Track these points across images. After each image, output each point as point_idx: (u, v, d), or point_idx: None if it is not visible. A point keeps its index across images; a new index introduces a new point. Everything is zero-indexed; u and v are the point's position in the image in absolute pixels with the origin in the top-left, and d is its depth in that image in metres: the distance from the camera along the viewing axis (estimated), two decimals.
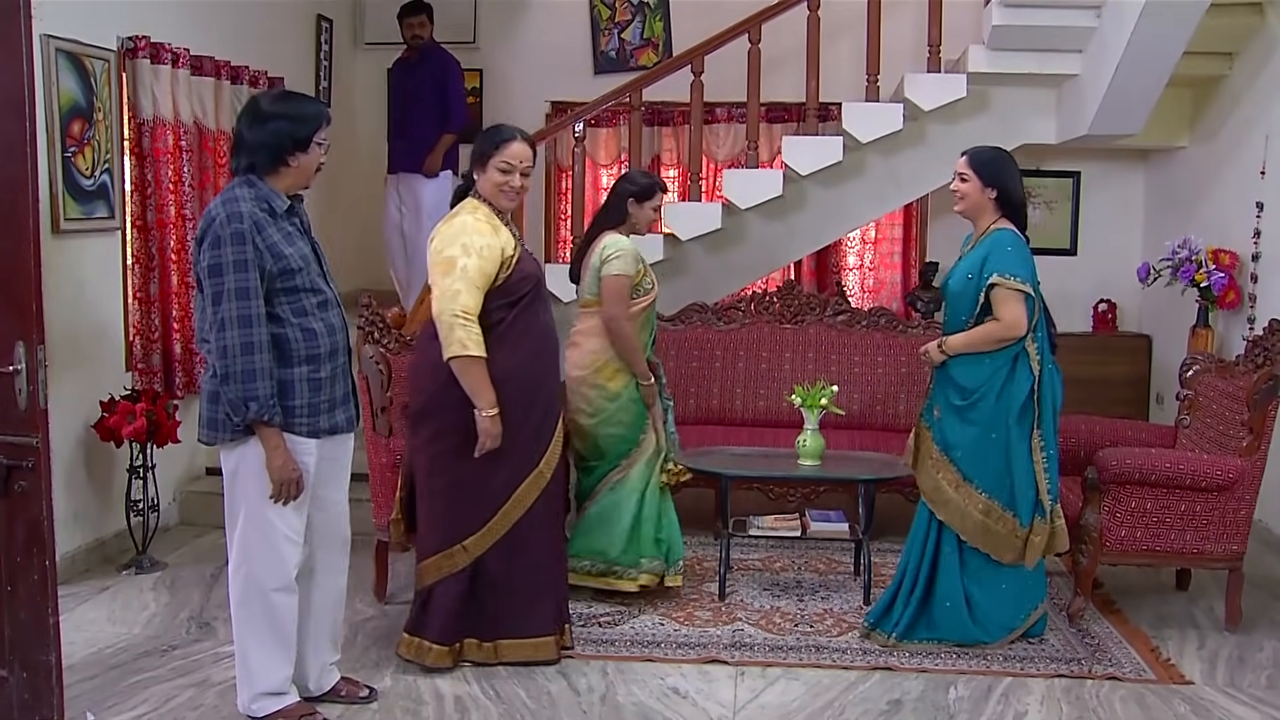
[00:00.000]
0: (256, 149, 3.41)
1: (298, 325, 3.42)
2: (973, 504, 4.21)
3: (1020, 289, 4.12)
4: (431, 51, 7.19)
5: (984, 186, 4.27)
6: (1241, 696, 4.00)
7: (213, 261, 3.30)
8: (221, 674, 4.06)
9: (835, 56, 7.03)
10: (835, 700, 3.94)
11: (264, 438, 3.39)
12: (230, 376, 3.30)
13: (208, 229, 3.33)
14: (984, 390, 4.17)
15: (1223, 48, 6.30)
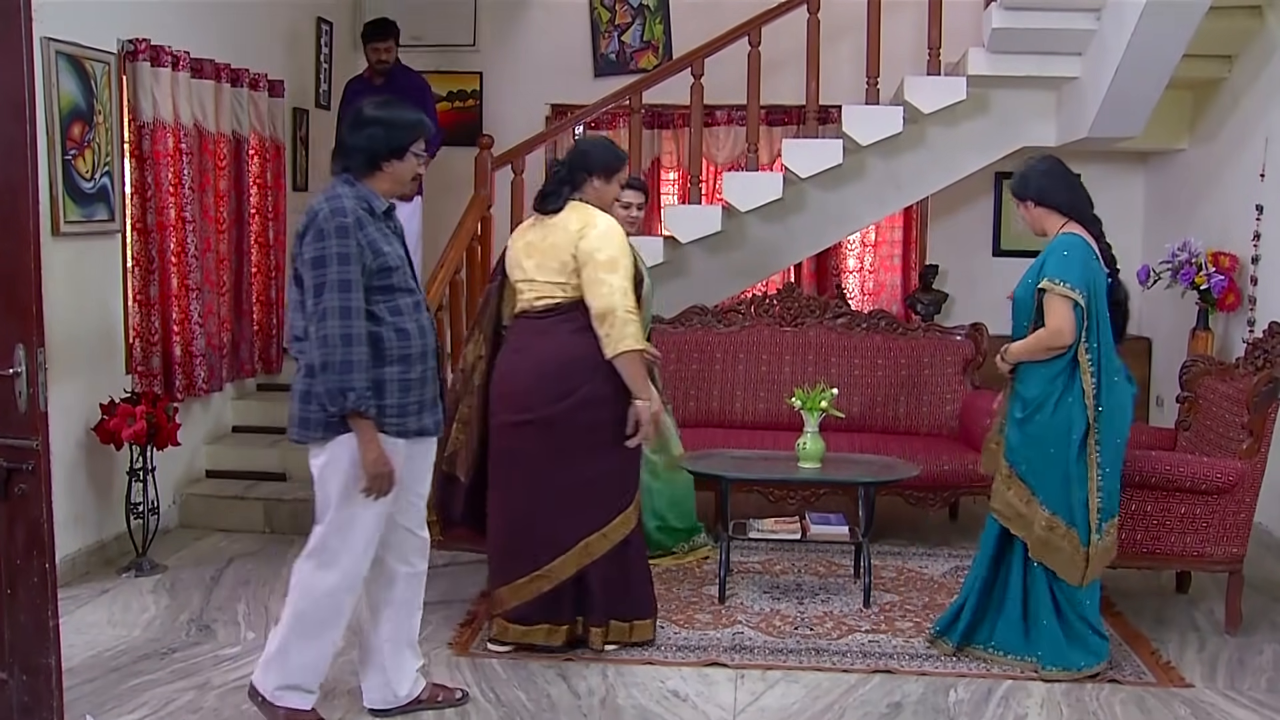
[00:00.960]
0: (352, 152, 3.49)
1: (392, 325, 3.44)
2: (1038, 519, 4.10)
3: (1067, 295, 3.99)
4: (401, 73, 7.00)
5: (1021, 202, 4.24)
6: (1242, 700, 3.99)
7: (316, 253, 3.33)
8: (222, 677, 4.06)
9: (835, 59, 7.03)
10: (835, 703, 3.94)
11: (359, 430, 3.37)
12: (329, 366, 3.30)
13: (311, 222, 3.37)
14: (1041, 402, 4.08)
15: (1222, 50, 6.30)
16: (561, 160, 4.32)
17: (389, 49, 6.88)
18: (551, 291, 4.14)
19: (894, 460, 5.29)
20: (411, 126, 3.53)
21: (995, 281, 7.75)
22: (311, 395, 3.40)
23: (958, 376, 6.19)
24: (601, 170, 4.22)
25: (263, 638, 4.41)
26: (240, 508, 5.93)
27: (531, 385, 4.13)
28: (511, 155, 6.57)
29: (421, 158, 3.59)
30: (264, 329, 6.63)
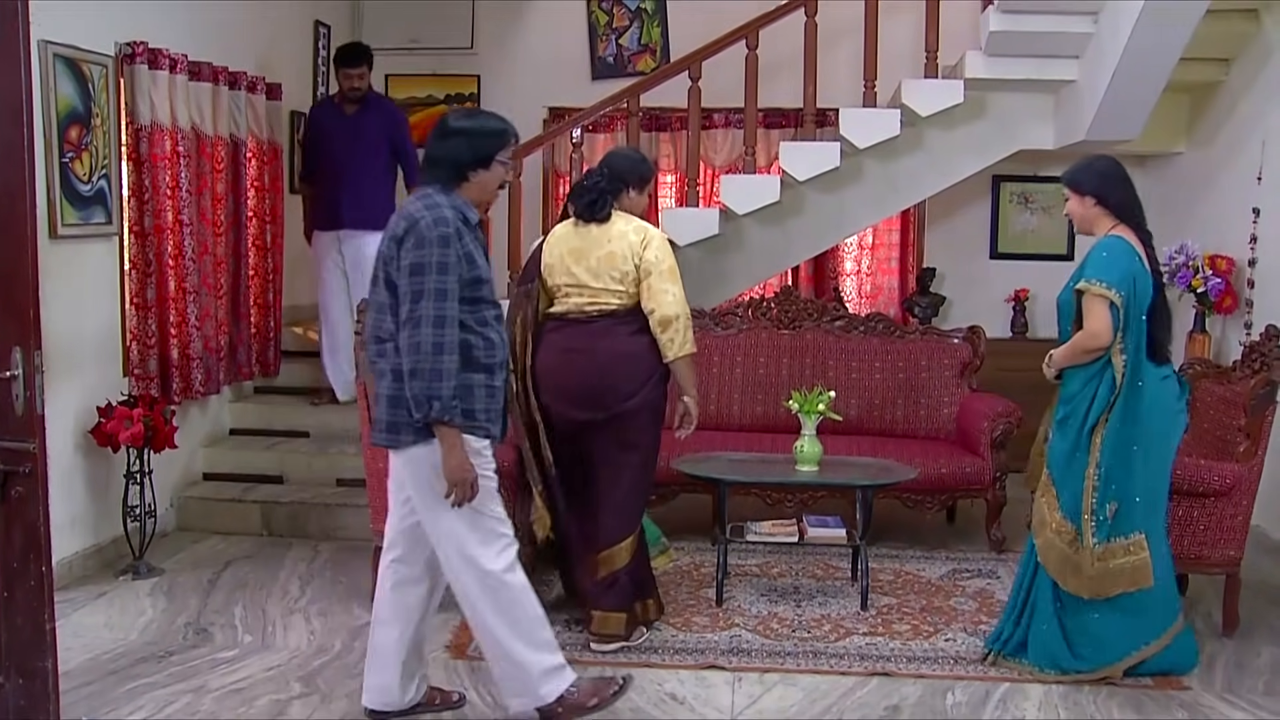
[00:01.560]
0: (439, 163, 3.52)
1: (480, 334, 3.47)
2: (1055, 524, 4.08)
3: (1103, 294, 3.92)
4: (377, 101, 6.68)
5: (1081, 197, 4.12)
6: (1239, 702, 4.00)
7: (416, 260, 3.34)
8: (219, 680, 4.06)
9: (833, 62, 7.04)
10: (833, 706, 3.94)
11: (443, 437, 3.38)
12: (418, 373, 3.32)
13: (411, 228, 3.37)
14: (1075, 403, 4.05)
15: (1219, 53, 6.31)
16: (599, 170, 4.49)
17: (362, 75, 6.46)
18: (608, 298, 4.34)
19: (891, 463, 5.29)
20: (497, 135, 3.55)
21: (992, 284, 7.80)
22: (401, 400, 3.41)
23: (955, 379, 6.19)
24: (637, 181, 4.49)
25: (260, 640, 4.43)
26: (238, 510, 5.92)
27: (601, 385, 4.33)
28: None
29: (508, 165, 3.63)
30: (261, 332, 6.62)
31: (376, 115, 6.51)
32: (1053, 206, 7.80)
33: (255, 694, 3.97)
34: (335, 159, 6.44)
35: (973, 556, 5.59)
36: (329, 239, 6.53)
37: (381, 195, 6.48)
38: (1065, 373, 4.13)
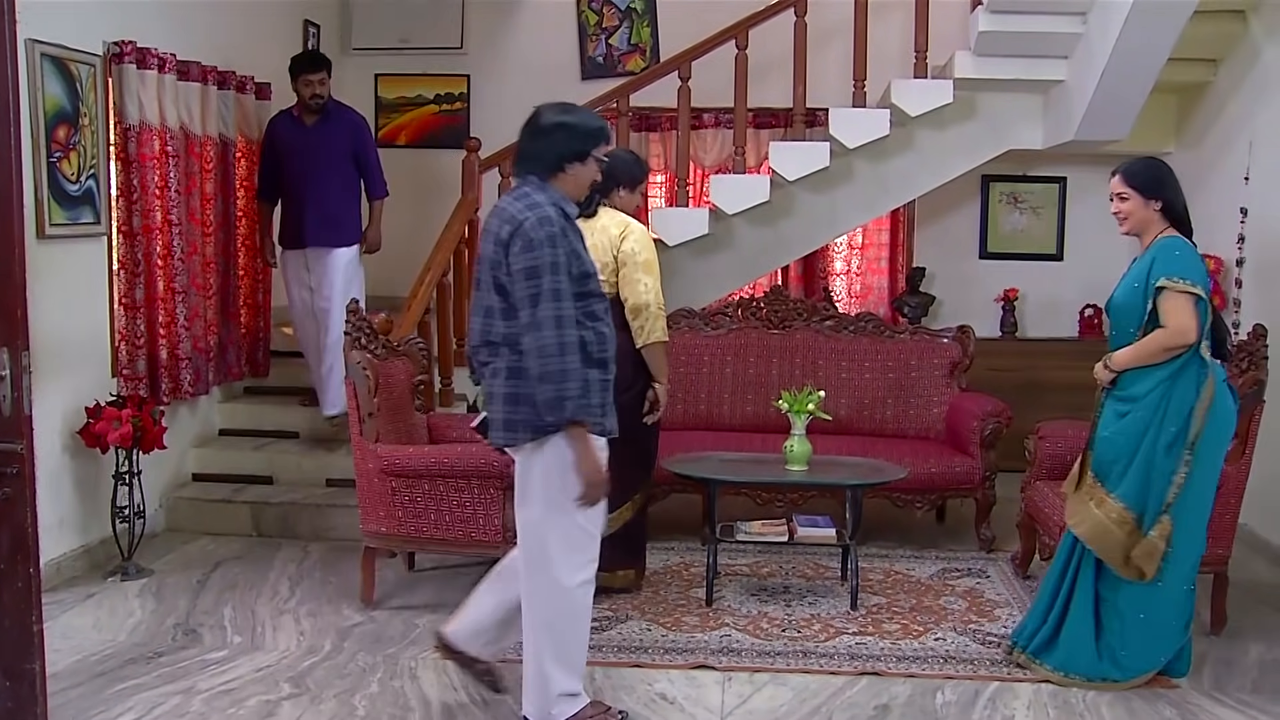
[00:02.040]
0: (537, 157, 3.49)
1: (592, 329, 3.43)
2: (1108, 512, 4.02)
3: (1191, 291, 3.86)
4: (338, 110, 6.39)
5: (1146, 200, 4.03)
6: (1227, 700, 4.01)
7: (529, 264, 3.31)
8: (208, 681, 4.05)
9: (822, 62, 7.04)
10: (823, 705, 3.94)
11: (575, 438, 3.37)
12: (547, 376, 3.29)
13: (517, 231, 3.34)
14: (1145, 400, 3.96)
15: (1207, 54, 6.33)
16: None
17: (323, 82, 6.24)
18: None
19: (881, 463, 5.29)
20: (596, 132, 3.53)
21: (982, 284, 7.80)
22: (519, 399, 3.39)
23: (945, 379, 6.19)
24: (628, 181, 4.74)
25: (249, 641, 4.42)
26: (227, 511, 5.90)
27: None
28: (499, 158, 6.56)
29: (603, 163, 3.61)
30: (251, 332, 6.61)
31: (338, 125, 6.32)
32: (1042, 207, 7.82)
33: (245, 695, 3.96)
34: (297, 174, 6.23)
35: (962, 556, 5.60)
36: (295, 258, 6.35)
37: (347, 209, 6.32)
38: (1127, 379, 4.04)
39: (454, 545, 4.74)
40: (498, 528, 4.61)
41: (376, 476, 4.70)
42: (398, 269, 7.22)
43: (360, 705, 3.89)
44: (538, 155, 3.48)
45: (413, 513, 4.68)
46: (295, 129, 6.29)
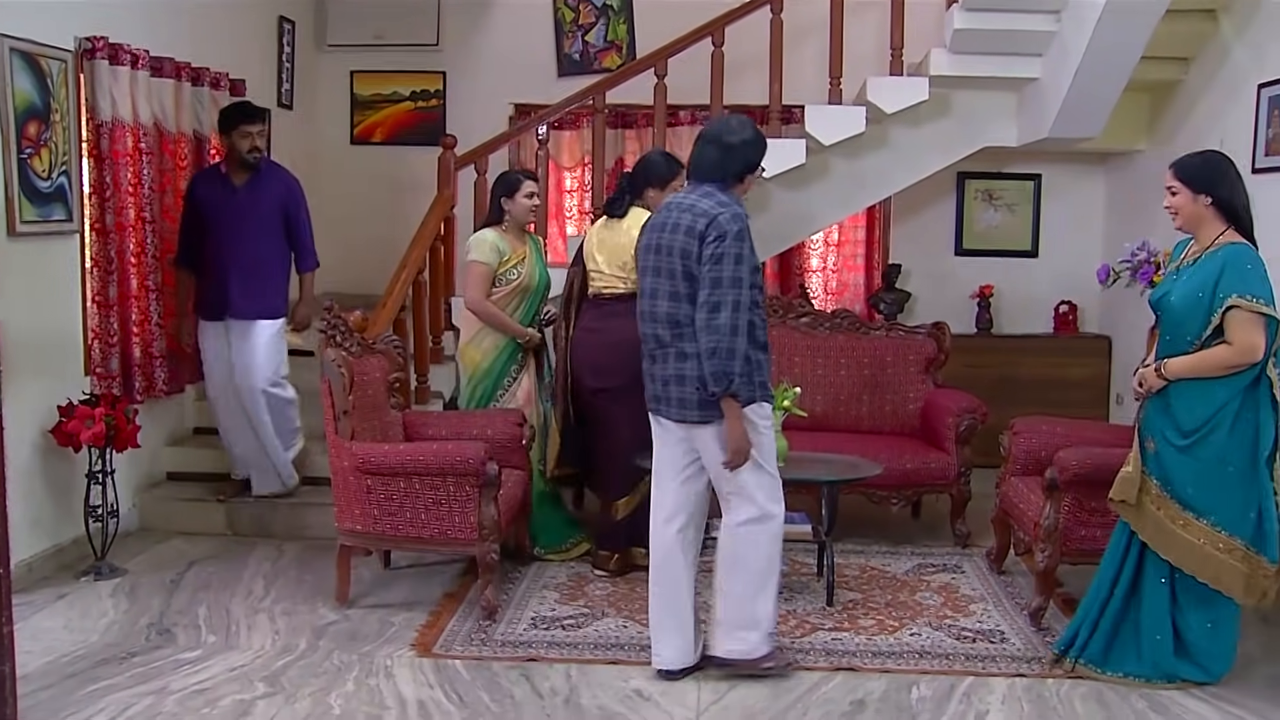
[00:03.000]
0: (720, 167, 3.96)
1: (757, 315, 3.93)
2: (1209, 541, 3.89)
3: (1263, 311, 3.75)
4: (271, 170, 5.77)
5: (1195, 194, 3.92)
6: (1198, 693, 4.03)
7: (719, 251, 3.78)
8: (181, 681, 4.03)
9: (798, 59, 7.05)
10: (798, 701, 3.95)
11: (731, 410, 3.83)
12: (718, 352, 3.75)
13: (711, 223, 3.82)
14: (1215, 422, 3.84)
15: (1178, 53, 6.37)
16: (629, 171, 5.37)
17: (262, 133, 5.67)
18: (615, 284, 5.19)
19: (856, 459, 5.30)
20: (765, 147, 4.07)
21: (958, 280, 7.84)
22: (685, 379, 3.90)
23: (920, 375, 6.22)
24: (656, 180, 5.05)
25: (223, 640, 4.40)
26: (202, 510, 5.87)
27: (606, 361, 5.13)
28: (474, 155, 6.55)
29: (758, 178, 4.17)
30: None
31: (271, 186, 5.72)
32: (1016, 204, 7.86)
33: (219, 694, 3.94)
34: (225, 240, 5.61)
35: (938, 551, 5.63)
36: (214, 330, 5.74)
37: (276, 277, 5.76)
38: (1184, 395, 3.92)
39: (430, 543, 4.73)
40: (473, 525, 4.60)
41: (352, 474, 4.68)
42: (373, 266, 7.21)
43: (336, 704, 3.88)
44: (723, 165, 3.96)
45: (388, 510, 4.67)
46: (222, 188, 5.64)
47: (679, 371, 3.91)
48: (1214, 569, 3.93)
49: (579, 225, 8.07)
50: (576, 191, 8.17)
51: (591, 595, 4.93)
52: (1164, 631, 4.08)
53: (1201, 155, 4.06)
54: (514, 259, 5.43)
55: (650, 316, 3.99)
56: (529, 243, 5.55)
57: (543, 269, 5.57)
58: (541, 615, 4.68)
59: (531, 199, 5.49)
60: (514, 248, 5.45)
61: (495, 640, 4.44)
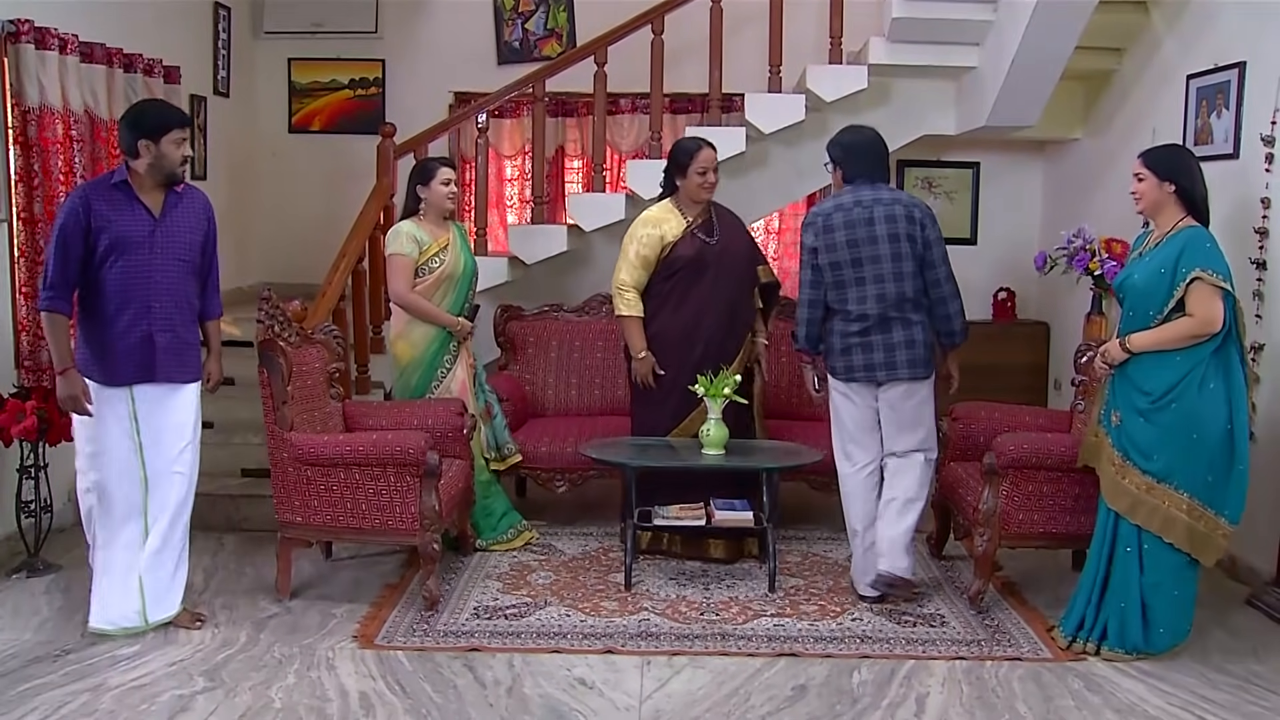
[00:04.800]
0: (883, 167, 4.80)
1: None
2: (1173, 504, 4.07)
3: (1222, 285, 3.98)
4: (189, 189, 4.49)
5: (1160, 181, 4.14)
6: (1132, 672, 4.11)
7: (938, 231, 4.70)
8: (118, 677, 3.97)
9: (738, 48, 7.05)
10: (741, 687, 3.97)
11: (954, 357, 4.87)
12: (961, 310, 4.76)
13: (925, 214, 4.68)
14: (1179, 391, 4.04)
15: (1112, 43, 6.45)
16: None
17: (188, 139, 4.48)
18: None
19: (797, 446, 5.33)
20: None
21: None
22: (915, 344, 4.64)
23: None
24: (675, 168, 5.33)
25: (163, 635, 4.35)
26: None
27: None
28: (414, 144, 6.50)
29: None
30: None
31: (192, 207, 4.46)
32: (955, 192, 7.93)
33: (157, 690, 3.88)
34: (141, 279, 4.29)
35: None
36: (117, 397, 4.34)
37: (196, 328, 4.53)
38: (1145, 365, 4.12)
39: (371, 534, 4.70)
40: (414, 515, 4.58)
41: (291, 466, 4.64)
42: (311, 256, 7.14)
43: (277, 697, 3.84)
44: (885, 165, 4.81)
45: (329, 502, 4.63)
46: (135, 212, 4.29)
47: (909, 337, 4.62)
48: (1184, 533, 4.10)
49: (519, 214, 8.04)
50: (517, 180, 8.14)
51: (534, 584, 4.93)
52: (1130, 601, 4.20)
53: (1167, 147, 4.33)
54: (435, 248, 5.37)
55: (878, 297, 4.61)
56: (452, 230, 5.49)
57: (468, 256, 5.52)
58: (484, 605, 4.67)
59: (448, 186, 5.40)
60: (434, 237, 5.38)
61: (438, 631, 4.42)
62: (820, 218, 4.71)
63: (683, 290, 5.25)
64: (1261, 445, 4.96)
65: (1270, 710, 3.84)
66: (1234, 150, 5.24)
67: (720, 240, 5.30)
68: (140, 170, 4.28)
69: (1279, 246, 4.92)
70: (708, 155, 5.28)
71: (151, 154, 4.27)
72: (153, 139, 4.26)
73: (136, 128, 4.27)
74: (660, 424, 5.29)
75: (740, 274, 5.34)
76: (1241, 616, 4.69)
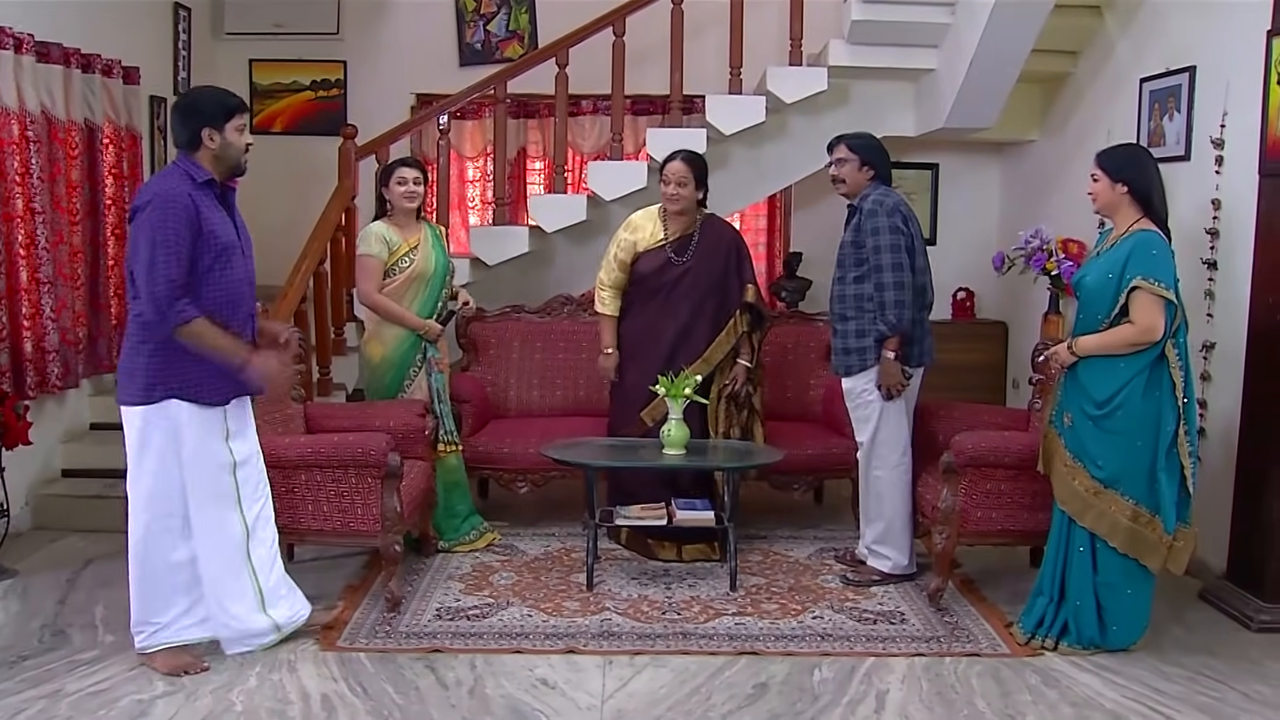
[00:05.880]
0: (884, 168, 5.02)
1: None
2: (1119, 509, 4.13)
3: (1163, 295, 4.01)
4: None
5: (1113, 183, 4.18)
6: (1088, 666, 4.17)
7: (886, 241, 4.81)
8: (77, 683, 3.94)
9: (699, 50, 7.10)
10: (702, 686, 3.99)
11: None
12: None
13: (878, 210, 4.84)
14: (1123, 397, 4.09)
15: (1067, 46, 6.53)
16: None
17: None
18: None
19: (758, 445, 5.36)
20: None
21: None
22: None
23: (821, 362, 6.29)
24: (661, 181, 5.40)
25: (122, 639, 4.30)
26: (100, 507, 5.73)
27: None
28: (375, 145, 6.49)
29: None
30: (123, 323, 6.39)
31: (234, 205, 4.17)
32: (915, 193, 7.98)
33: (116, 695, 3.86)
34: (238, 285, 4.00)
35: (840, 535, 5.71)
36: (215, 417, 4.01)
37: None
38: (1093, 370, 4.17)
39: (333, 536, 4.69)
40: (376, 517, 4.57)
41: None
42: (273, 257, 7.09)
43: (238, 700, 3.83)
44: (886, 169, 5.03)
45: (290, 503, 4.62)
46: (221, 212, 3.98)
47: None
48: (1127, 538, 4.15)
49: (481, 216, 8.04)
50: (479, 181, 8.13)
51: (496, 585, 4.93)
52: (1085, 599, 4.26)
53: (1123, 147, 4.36)
54: (405, 248, 5.35)
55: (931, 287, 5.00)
56: (424, 230, 5.47)
57: (440, 256, 5.47)
58: (446, 606, 4.67)
59: (404, 186, 5.34)
60: (404, 237, 5.36)
61: (400, 632, 4.42)
62: (903, 206, 4.90)
63: (642, 301, 5.42)
64: (1212, 442, 5.05)
65: (1220, 701, 3.91)
66: (1185, 152, 5.33)
67: (692, 260, 5.35)
68: (205, 164, 3.98)
69: (1230, 247, 5.00)
70: (670, 167, 5.33)
71: (217, 143, 3.95)
72: (216, 127, 3.95)
73: (198, 116, 3.95)
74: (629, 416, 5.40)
75: (701, 298, 5.35)
76: (1195, 611, 4.77)
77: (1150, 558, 4.16)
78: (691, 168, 5.33)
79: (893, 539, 4.98)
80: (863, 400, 4.92)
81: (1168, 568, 4.18)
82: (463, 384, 5.96)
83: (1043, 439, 4.46)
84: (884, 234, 4.77)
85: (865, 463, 4.98)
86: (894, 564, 5.00)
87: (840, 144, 5.06)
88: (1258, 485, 4.65)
